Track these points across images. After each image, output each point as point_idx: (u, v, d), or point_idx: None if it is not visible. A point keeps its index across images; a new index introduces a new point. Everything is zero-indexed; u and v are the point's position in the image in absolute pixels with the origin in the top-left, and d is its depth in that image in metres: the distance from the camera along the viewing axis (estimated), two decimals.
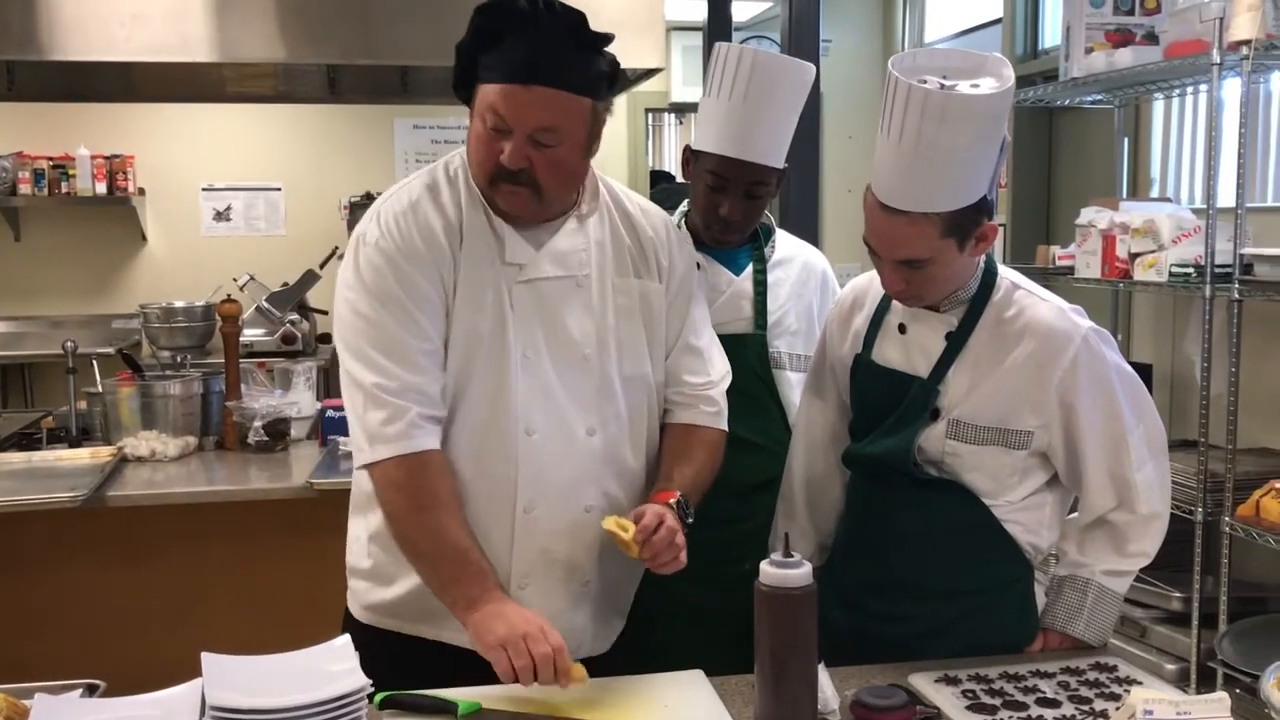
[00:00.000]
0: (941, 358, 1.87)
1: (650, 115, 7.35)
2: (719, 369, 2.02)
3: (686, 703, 1.68)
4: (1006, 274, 1.92)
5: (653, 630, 2.25)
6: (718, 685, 1.72)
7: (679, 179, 7.37)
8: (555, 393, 1.84)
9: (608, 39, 1.80)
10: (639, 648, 2.20)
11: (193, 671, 1.54)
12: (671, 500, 1.83)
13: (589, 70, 1.78)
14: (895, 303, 1.95)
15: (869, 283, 2.02)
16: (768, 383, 2.26)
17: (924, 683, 1.73)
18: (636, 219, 1.97)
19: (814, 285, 2.34)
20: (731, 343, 2.23)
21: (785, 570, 1.54)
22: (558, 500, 1.84)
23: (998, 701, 1.67)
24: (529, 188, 1.78)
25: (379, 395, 1.75)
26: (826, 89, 5.28)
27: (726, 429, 2.01)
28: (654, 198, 2.19)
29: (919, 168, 1.73)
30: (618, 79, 1.86)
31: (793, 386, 2.25)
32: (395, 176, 6.36)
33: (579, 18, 1.76)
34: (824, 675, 1.62)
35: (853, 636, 1.91)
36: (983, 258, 1.89)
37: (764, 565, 1.56)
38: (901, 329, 1.93)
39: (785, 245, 2.35)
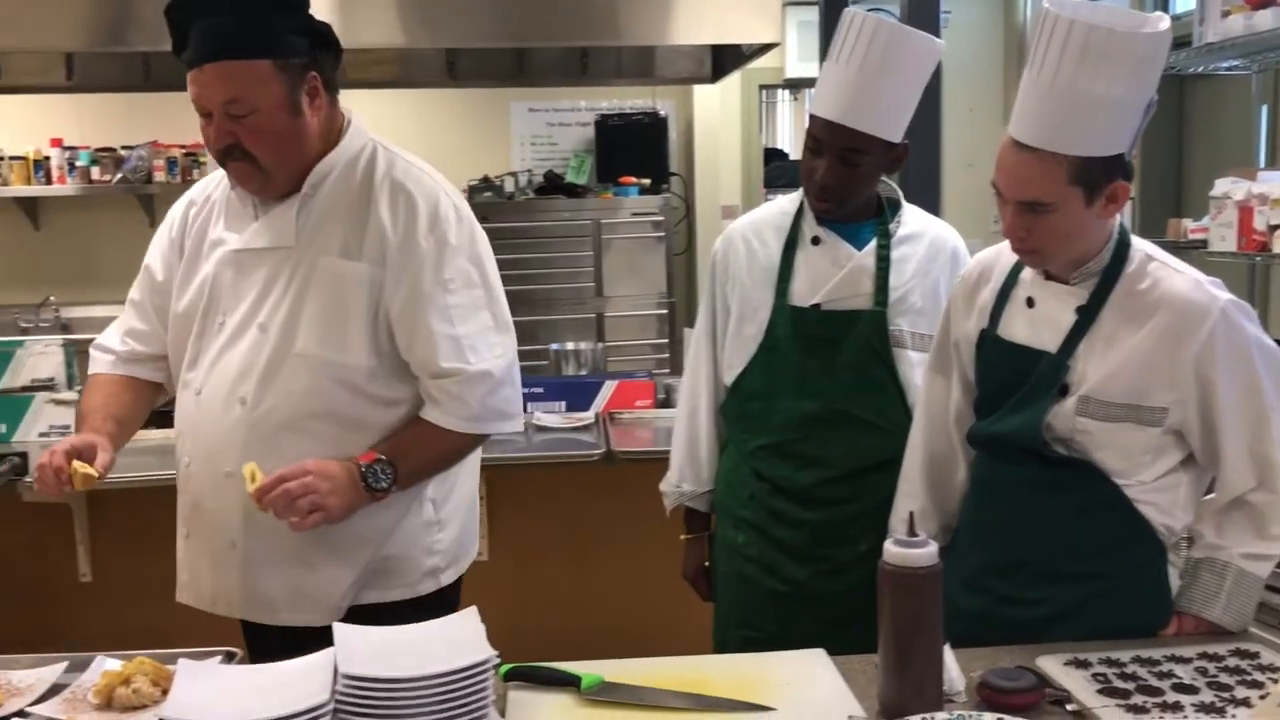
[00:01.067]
0: (1071, 332, 1.82)
1: (764, 92, 7.27)
2: (486, 359, 1.95)
3: (808, 681, 1.66)
4: (1140, 245, 1.85)
5: (762, 609, 2.25)
6: (840, 665, 1.71)
7: (794, 157, 7.30)
8: (226, 360, 1.96)
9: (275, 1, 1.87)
10: (736, 626, 2.21)
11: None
12: (362, 461, 1.87)
13: (256, 33, 1.84)
14: (1024, 276, 1.90)
15: (995, 256, 1.98)
16: (885, 361, 2.21)
17: (1053, 665, 1.69)
18: (376, 198, 1.94)
19: (943, 262, 2.27)
20: (845, 319, 2.20)
21: (910, 550, 1.52)
22: (205, 460, 1.98)
23: (1131, 686, 1.62)
24: (246, 161, 1.90)
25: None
26: (946, 61, 5.14)
27: (489, 430, 1.99)
28: (767, 176, 2.19)
29: (1056, 103, 1.70)
30: (315, 32, 1.91)
31: (914, 366, 2.21)
32: (511, 160, 6.43)
33: None
34: (949, 656, 1.60)
35: (978, 619, 1.87)
36: (1116, 229, 1.83)
37: (888, 545, 1.54)
38: (1029, 303, 1.88)
39: (914, 220, 2.30)
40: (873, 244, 2.24)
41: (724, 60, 4.69)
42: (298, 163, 1.93)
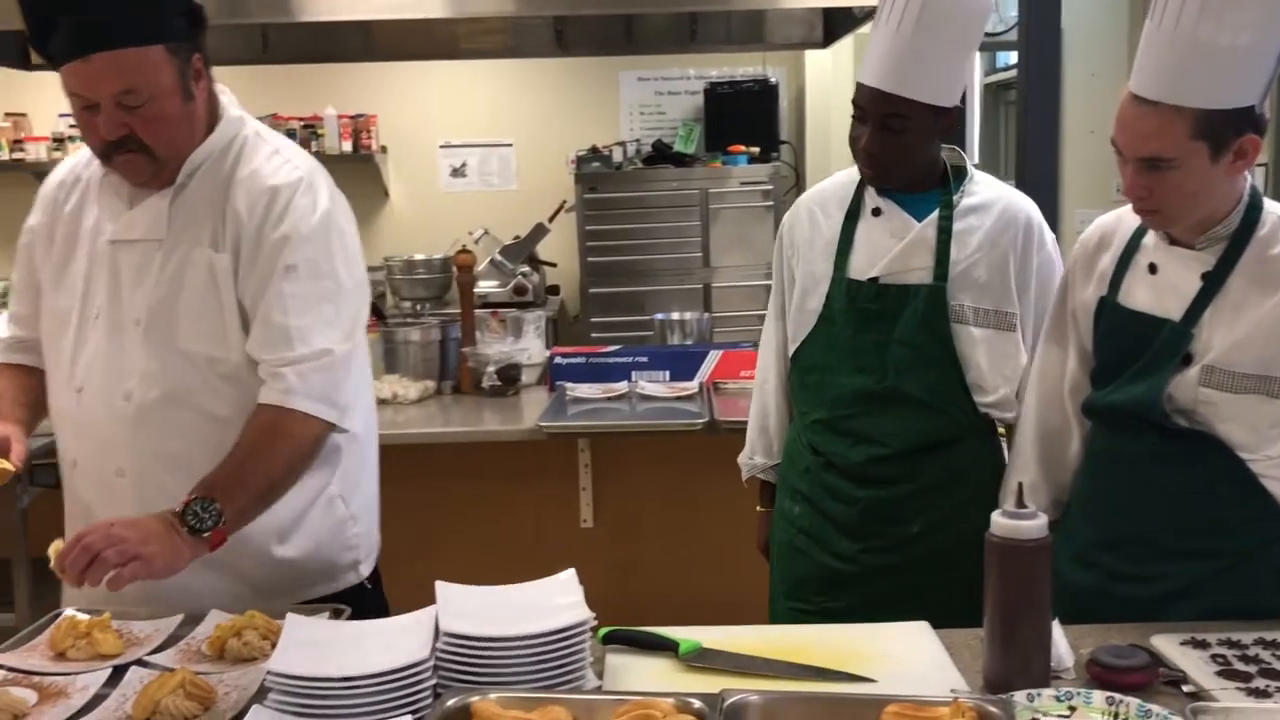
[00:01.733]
0: (1196, 299, 1.74)
1: None
2: (313, 345, 1.82)
3: (910, 653, 1.64)
4: (1273, 208, 1.76)
5: (810, 582, 2.24)
6: (944, 638, 1.67)
7: None
8: (108, 354, 1.87)
9: None
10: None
11: (427, 599, 1.61)
12: (179, 506, 1.69)
13: (141, 17, 1.74)
14: (1146, 241, 1.83)
15: (1116, 222, 1.90)
16: (942, 337, 2.13)
17: (1168, 645, 1.63)
18: (237, 186, 1.86)
19: (1014, 235, 2.14)
20: (901, 293, 2.13)
21: (1018, 521, 1.48)
22: (93, 460, 1.89)
23: (1253, 669, 1.55)
24: (140, 153, 1.80)
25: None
26: (1067, 24, 5.00)
27: (304, 409, 1.81)
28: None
29: (1176, 54, 1.63)
30: (195, 13, 1.82)
31: (977, 344, 2.12)
32: (620, 130, 6.44)
33: None
34: (1058, 632, 1.56)
35: (1090, 596, 1.82)
36: (1248, 190, 1.75)
37: (995, 516, 1.51)
38: (1152, 269, 1.81)
39: (984, 190, 2.19)
40: (934, 215, 2.14)
41: (836, 24, 4.62)
42: (188, 149, 1.86)
